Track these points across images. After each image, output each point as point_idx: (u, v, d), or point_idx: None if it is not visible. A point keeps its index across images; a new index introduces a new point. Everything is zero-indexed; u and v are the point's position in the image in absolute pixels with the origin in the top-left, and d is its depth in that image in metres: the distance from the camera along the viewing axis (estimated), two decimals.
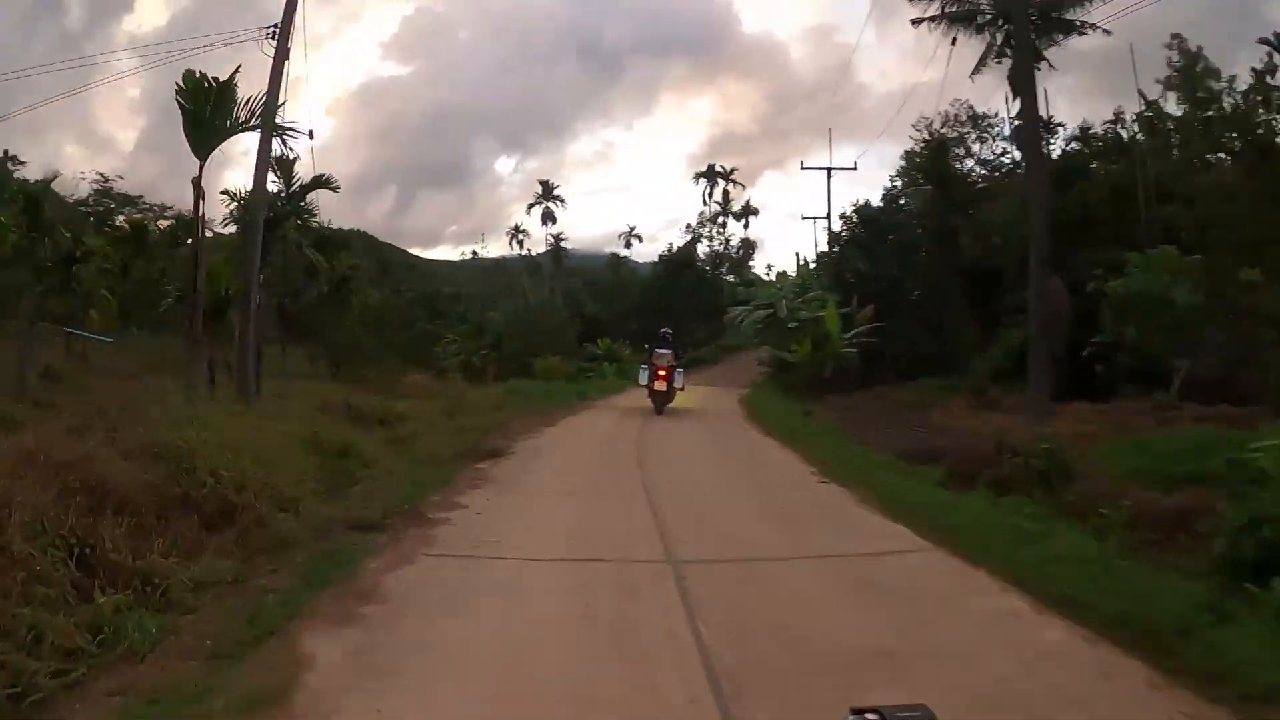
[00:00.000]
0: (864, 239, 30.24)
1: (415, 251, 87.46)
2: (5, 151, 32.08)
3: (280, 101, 13.44)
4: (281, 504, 6.23)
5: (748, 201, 63.68)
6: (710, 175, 58.57)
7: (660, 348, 16.00)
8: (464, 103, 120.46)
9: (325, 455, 8.31)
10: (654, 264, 55.54)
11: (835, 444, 12.26)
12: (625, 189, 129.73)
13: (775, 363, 26.61)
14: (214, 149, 11.50)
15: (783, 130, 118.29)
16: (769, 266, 63.27)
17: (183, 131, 11.16)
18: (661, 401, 15.89)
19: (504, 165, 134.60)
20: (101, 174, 32.24)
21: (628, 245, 65.17)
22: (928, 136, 30.00)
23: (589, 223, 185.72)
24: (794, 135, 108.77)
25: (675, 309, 47.65)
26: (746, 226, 64.64)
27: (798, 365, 24.76)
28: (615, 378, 28.77)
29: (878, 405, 21.39)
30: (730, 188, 62.60)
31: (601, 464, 11.08)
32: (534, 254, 65.50)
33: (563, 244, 65.10)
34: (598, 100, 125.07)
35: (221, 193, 15.98)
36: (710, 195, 58.55)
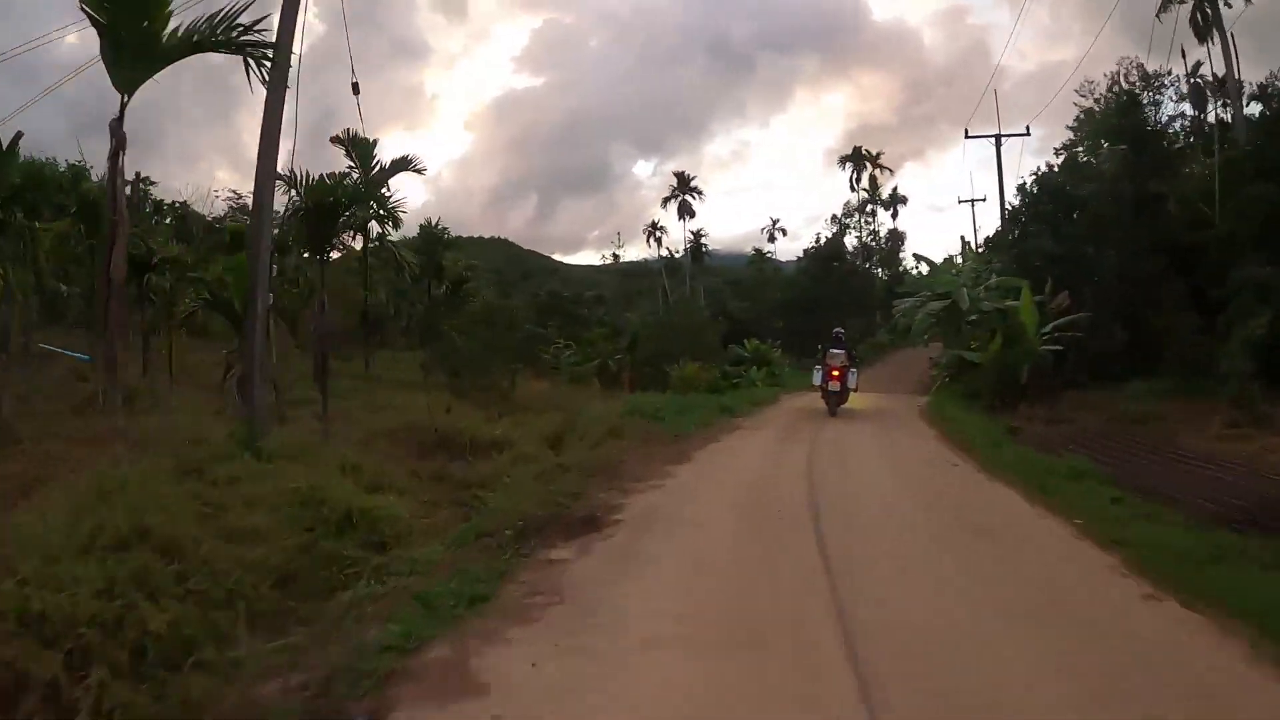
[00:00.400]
0: (1049, 213, 24.99)
1: (558, 257, 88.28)
2: (138, 174, 32.87)
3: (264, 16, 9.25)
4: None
5: (894, 189, 58.02)
6: (856, 159, 53.53)
7: (834, 347, 15.63)
8: (598, 109, 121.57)
9: (324, 528, 5.40)
10: (798, 260, 51.17)
11: (1105, 497, 7.85)
12: (765, 188, 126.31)
13: (954, 364, 21.99)
14: (145, 78, 8.69)
15: (920, 119, 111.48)
16: (917, 258, 57.30)
17: (101, 58, 8.22)
18: (835, 402, 15.58)
19: (642, 169, 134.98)
20: (234, 190, 32.25)
21: (772, 239, 61.15)
22: (1095, 101, 25.00)
23: (729, 223, 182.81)
24: (932, 123, 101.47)
25: (824, 304, 43.38)
26: (895, 216, 58.91)
27: (984, 367, 20.15)
28: (765, 384, 25.20)
29: (1096, 419, 16.79)
30: (877, 173, 57.13)
31: (753, 544, 6.61)
32: (674, 253, 62.66)
33: (703, 240, 61.81)
34: (731, 99, 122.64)
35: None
36: (857, 181, 53.45)
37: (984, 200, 46.18)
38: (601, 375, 34.43)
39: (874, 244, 57.45)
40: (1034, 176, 26.72)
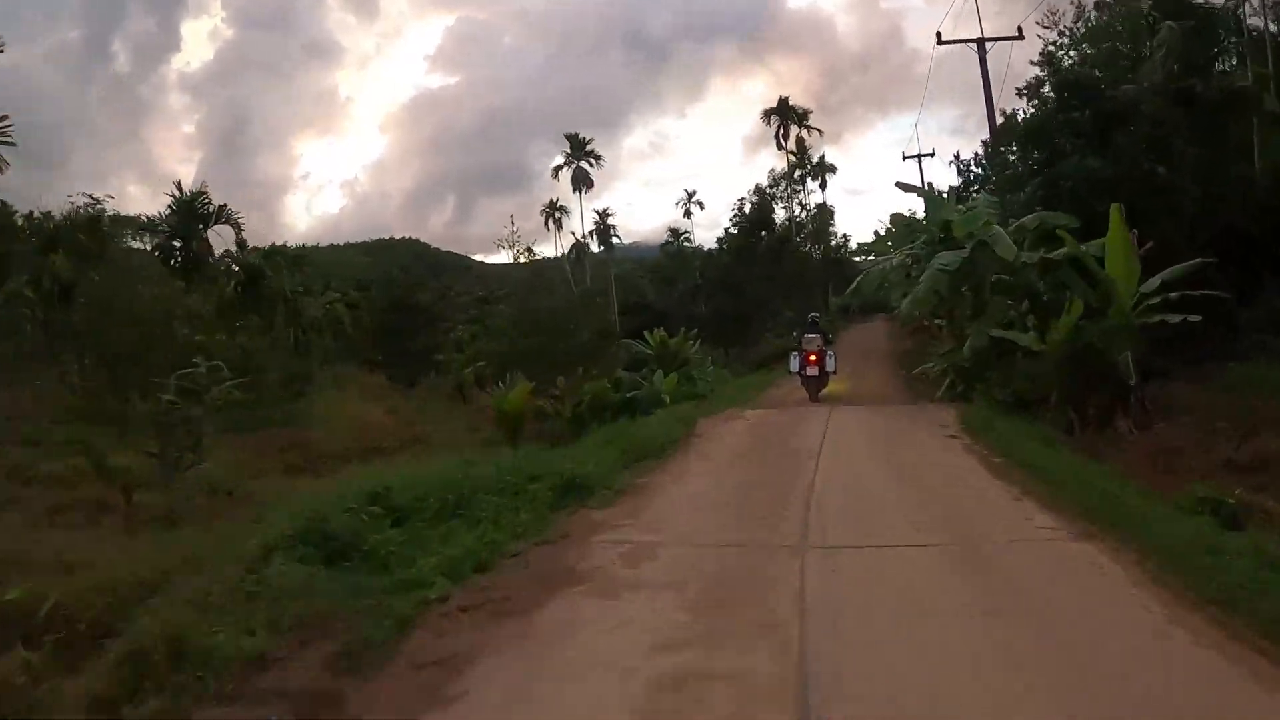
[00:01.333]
0: (1084, 122, 16.47)
1: (478, 257, 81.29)
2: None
3: None
4: None
5: (822, 157, 49.87)
6: (783, 113, 44.71)
7: (808, 332, 14.49)
8: (514, 106, 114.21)
9: None
10: (720, 240, 42.28)
11: None
12: (685, 179, 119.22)
13: (976, 357, 13.12)
14: None
15: (837, 104, 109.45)
16: (846, 237, 49.25)
17: None
18: (816, 387, 14.31)
19: (560, 163, 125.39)
20: (92, 196, 22.12)
21: (688, 214, 52.07)
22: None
23: (650, 215, 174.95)
24: (849, 108, 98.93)
25: (751, 284, 34.59)
26: (824, 187, 50.63)
27: (1045, 355, 11.47)
28: (681, 394, 15.95)
29: None
30: (805, 134, 48.73)
31: None
32: (580, 238, 53.00)
33: (610, 220, 52.37)
34: (648, 91, 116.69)
35: None
36: (784, 137, 44.72)
37: (932, 155, 38.15)
38: (462, 390, 24.97)
39: (804, 219, 49.07)
40: (1049, 72, 18.45)
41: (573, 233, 53.55)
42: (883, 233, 25.14)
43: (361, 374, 32.72)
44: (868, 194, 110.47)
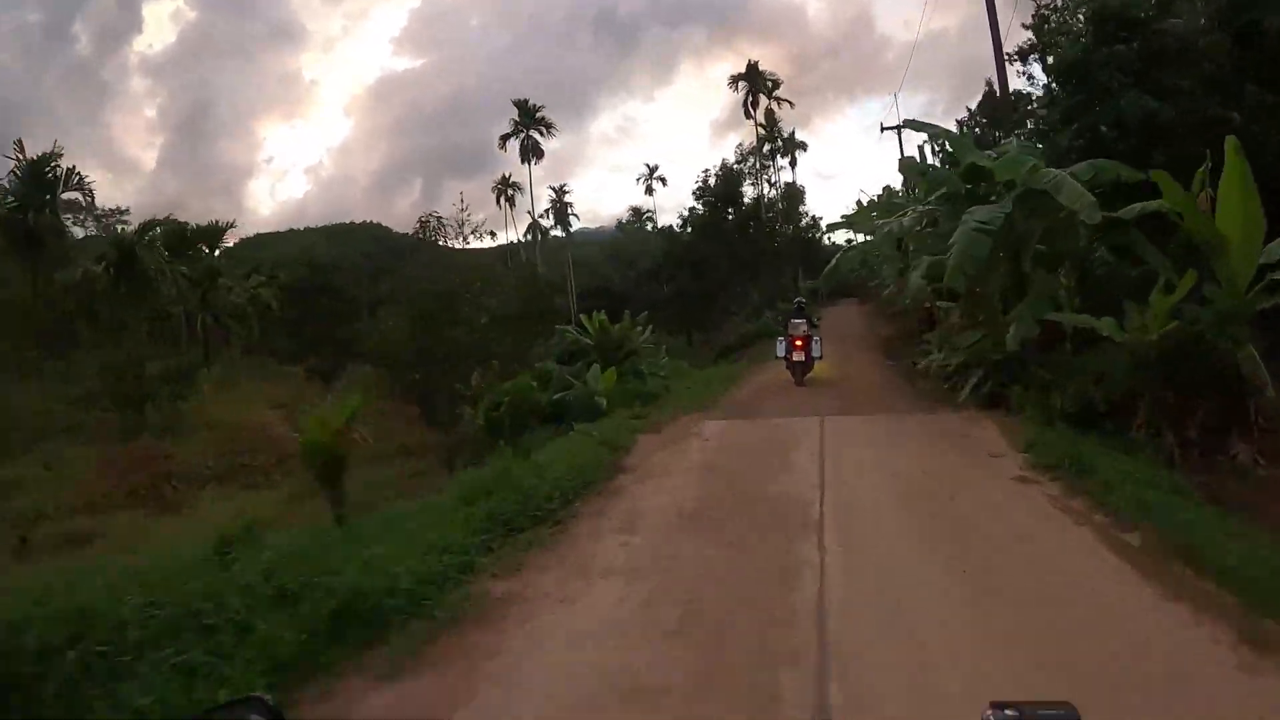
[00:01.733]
0: (1130, 58, 13.06)
1: (445, 243, 78.00)
2: None
3: None
4: None
5: (792, 133, 46.25)
6: (751, 79, 40.82)
7: (795, 318, 14.24)
8: (481, 89, 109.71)
9: None
10: (683, 216, 38.45)
11: None
12: (653, 164, 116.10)
13: (1023, 342, 9.54)
14: None
15: (807, 89, 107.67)
16: (816, 219, 45.60)
17: None
18: (801, 371, 13.88)
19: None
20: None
21: (649, 191, 48.22)
22: None
23: (618, 201, 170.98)
24: (819, 93, 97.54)
25: (717, 263, 30.99)
26: (794, 165, 47.08)
27: (1138, 348, 7.93)
28: (621, 399, 12.25)
29: None
30: (775, 106, 45.02)
31: None
32: (537, 217, 48.78)
33: (566, 196, 48.28)
34: (616, 74, 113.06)
35: None
36: (754, 105, 40.92)
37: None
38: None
39: (773, 197, 45.38)
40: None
41: (529, 213, 49.40)
42: (865, 202, 21.70)
43: (276, 366, 28.57)
44: (838, 179, 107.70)
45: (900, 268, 14.58)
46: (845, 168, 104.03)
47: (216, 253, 33.84)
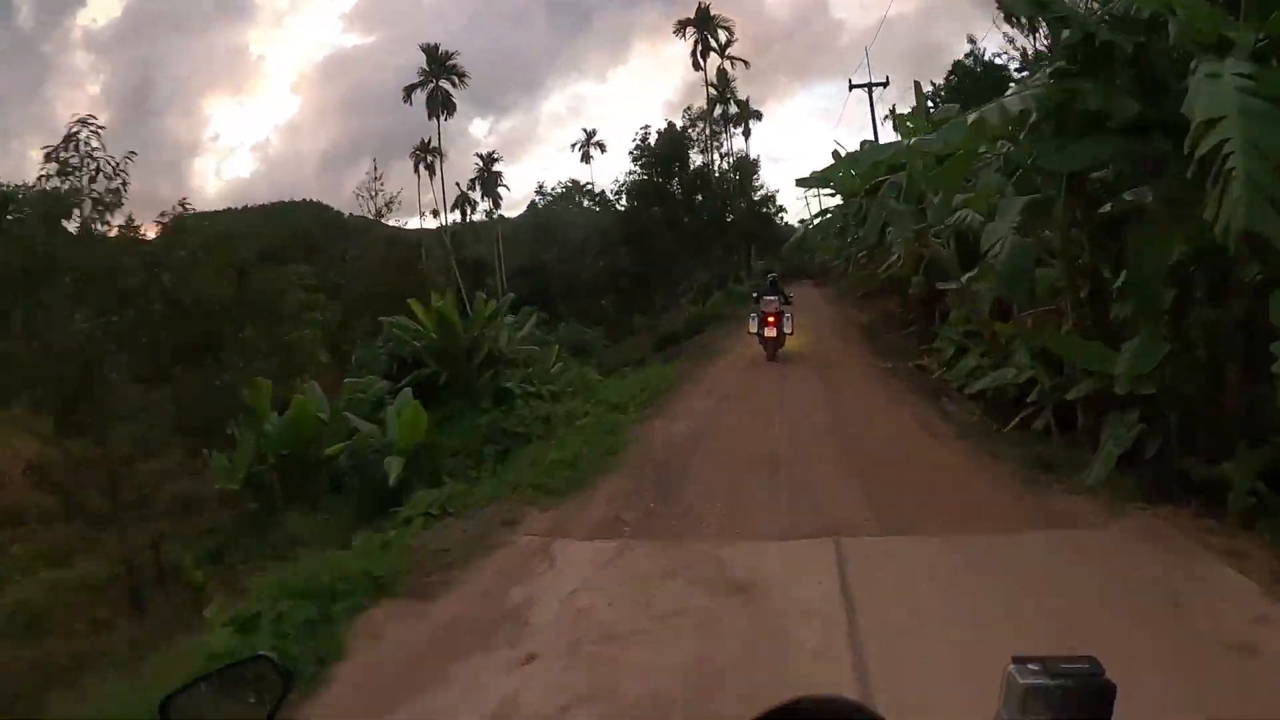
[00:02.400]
0: None
1: (392, 222, 73.11)
2: None
3: None
4: None
5: (747, 99, 40.61)
6: (702, 25, 34.96)
7: (768, 293, 14.04)
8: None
9: None
10: (620, 183, 32.67)
11: None
12: (604, 144, 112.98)
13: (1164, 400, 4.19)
14: None
15: (760, 71, 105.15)
16: (769, 196, 40.00)
17: None
18: (773, 347, 13.74)
19: (478, 128, 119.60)
20: None
21: (586, 159, 42.34)
22: None
23: (566, 179, 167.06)
24: (772, 76, 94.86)
25: (658, 236, 25.59)
26: (748, 136, 41.47)
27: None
28: (421, 479, 6.70)
29: None
30: (729, 66, 39.37)
31: None
32: (465, 189, 42.30)
33: (495, 163, 41.98)
34: (568, 53, 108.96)
35: None
36: (703, 56, 35.21)
37: (885, 85, 29.11)
38: None
39: (725, 168, 39.37)
40: None
41: (457, 184, 42.95)
42: (843, 154, 16.45)
43: None
44: (790, 162, 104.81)
45: (922, 227, 9.33)
46: (795, 151, 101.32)
47: None
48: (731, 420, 8.53)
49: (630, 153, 28.84)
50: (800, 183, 16.56)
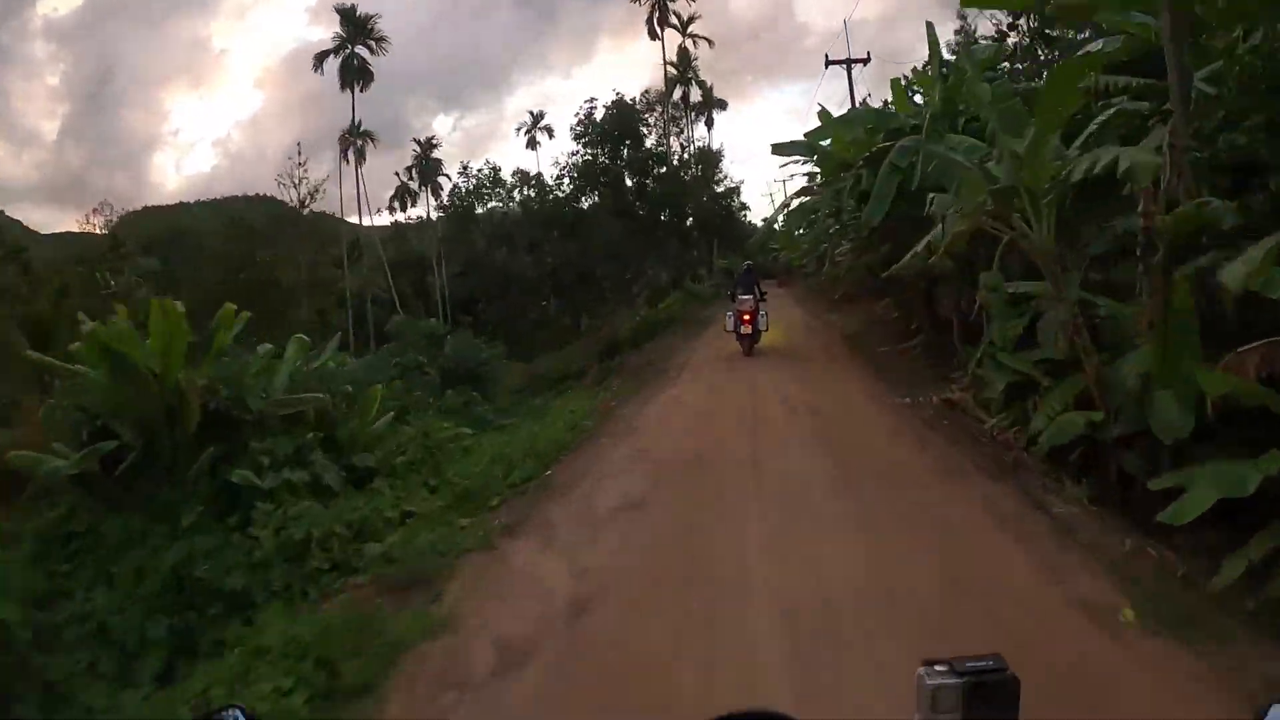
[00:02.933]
0: None
1: (354, 220, 70.51)
2: None
3: None
4: None
5: (711, 87, 36.64)
6: None
7: (743, 293, 13.76)
8: (395, 63, 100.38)
9: None
10: (561, 166, 28.31)
11: None
12: (552, 128, 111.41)
13: None
14: None
15: (725, 71, 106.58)
16: (734, 188, 35.84)
17: None
18: (749, 343, 13.58)
19: (442, 124, 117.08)
20: None
21: (532, 144, 37.91)
22: None
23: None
24: (737, 76, 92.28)
25: (603, 228, 21.49)
26: (710, 126, 37.52)
27: None
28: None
29: None
30: (691, 45, 35.33)
31: None
32: (404, 178, 37.62)
33: (434, 150, 37.33)
34: (534, 50, 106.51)
35: None
36: (660, 26, 31.07)
37: (866, 62, 25.17)
38: None
39: (686, 158, 34.83)
40: None
41: (396, 173, 38.15)
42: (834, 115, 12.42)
43: None
44: (754, 161, 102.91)
45: (997, 188, 5.29)
46: (759, 152, 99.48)
47: None
48: (664, 557, 4.40)
49: (572, 129, 24.56)
50: (777, 149, 12.74)
